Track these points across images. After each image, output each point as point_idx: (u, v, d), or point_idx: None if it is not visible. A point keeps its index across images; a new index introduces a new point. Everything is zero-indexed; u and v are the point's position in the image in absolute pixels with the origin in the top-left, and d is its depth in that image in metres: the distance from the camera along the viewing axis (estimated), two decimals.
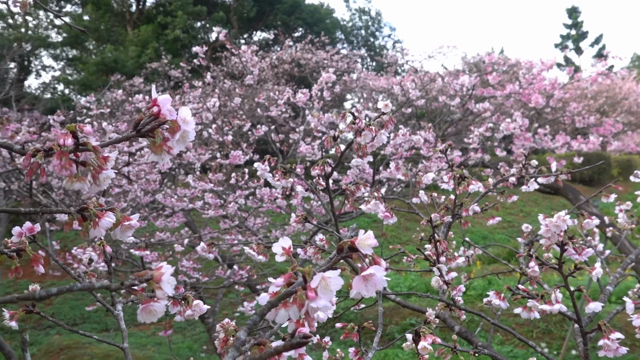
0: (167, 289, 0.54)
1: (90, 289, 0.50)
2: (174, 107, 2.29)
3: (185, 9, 17.82)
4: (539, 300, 1.38)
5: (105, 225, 0.73)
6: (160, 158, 0.69)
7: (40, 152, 0.63)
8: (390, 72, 13.41)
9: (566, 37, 30.59)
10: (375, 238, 0.76)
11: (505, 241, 10.71)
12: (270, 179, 1.95)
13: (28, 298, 0.49)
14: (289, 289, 0.64)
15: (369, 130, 1.57)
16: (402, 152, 5.42)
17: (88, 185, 0.70)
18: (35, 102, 10.13)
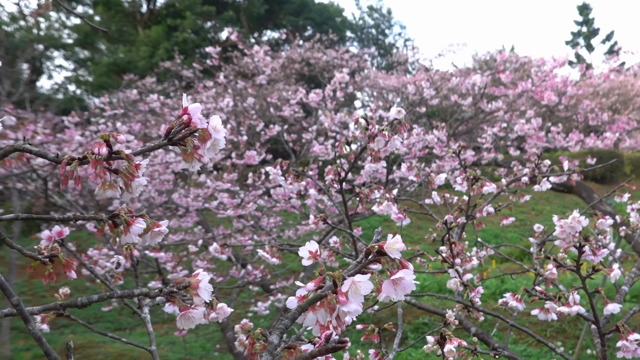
0: (204, 295, 0.56)
1: (130, 295, 0.51)
2: None
3: (193, 10, 17.89)
4: (556, 301, 1.38)
5: (136, 231, 0.74)
6: (191, 166, 0.70)
7: (75, 160, 0.65)
8: (401, 70, 13.39)
9: (577, 34, 30.30)
10: (385, 238, 0.77)
11: (517, 240, 10.65)
12: (283, 182, 1.96)
13: (71, 305, 0.50)
14: (318, 292, 0.65)
15: (382, 136, 1.58)
16: (415, 152, 5.42)
17: (119, 192, 0.71)
18: (48, 103, 10.25)
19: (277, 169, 1.89)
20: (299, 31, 20.52)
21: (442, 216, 2.19)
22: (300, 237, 6.38)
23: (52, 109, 9.46)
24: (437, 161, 5.83)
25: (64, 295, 0.91)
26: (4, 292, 0.41)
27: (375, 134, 1.57)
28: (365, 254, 0.68)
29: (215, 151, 0.71)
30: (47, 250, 0.81)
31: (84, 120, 5.10)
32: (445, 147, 5.78)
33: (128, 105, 7.26)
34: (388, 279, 0.64)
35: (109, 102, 6.86)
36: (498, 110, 6.52)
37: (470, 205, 1.82)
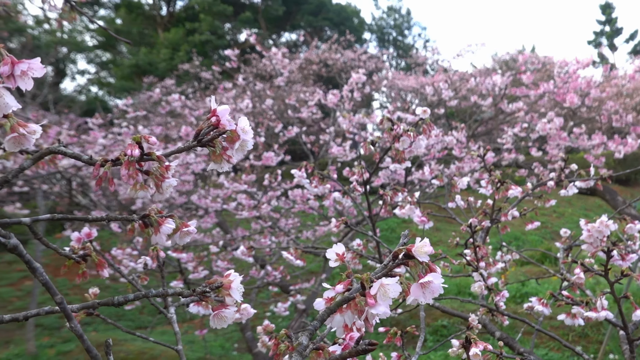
0: (236, 296, 0.56)
1: (164, 295, 0.52)
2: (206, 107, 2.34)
3: (211, 9, 18.02)
4: (583, 306, 1.36)
5: (166, 231, 0.75)
6: (220, 167, 0.71)
7: (109, 162, 0.66)
8: (419, 71, 13.31)
9: (600, 33, 29.78)
10: None
11: (539, 243, 10.50)
12: (308, 185, 1.97)
13: (108, 304, 0.51)
14: (346, 295, 0.66)
15: (408, 136, 1.58)
16: (434, 153, 5.38)
17: (150, 193, 0.72)
18: (71, 105, 10.43)
19: (302, 172, 1.90)
20: (317, 32, 20.55)
21: (465, 219, 2.18)
22: (318, 238, 6.38)
23: (75, 110, 9.63)
24: (456, 162, 5.78)
25: (93, 294, 0.92)
26: (48, 290, 0.42)
27: (400, 134, 1.56)
28: (393, 257, 0.68)
29: (244, 152, 0.71)
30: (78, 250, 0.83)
31: (107, 122, 5.18)
32: (464, 148, 5.74)
33: (149, 107, 7.36)
34: (416, 282, 0.64)
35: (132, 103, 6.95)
36: (519, 111, 6.45)
37: (494, 208, 1.80)
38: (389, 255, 2.06)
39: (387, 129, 1.62)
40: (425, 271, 0.65)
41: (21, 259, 0.42)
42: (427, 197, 5.62)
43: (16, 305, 8.44)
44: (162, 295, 0.53)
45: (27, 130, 0.60)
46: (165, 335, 7.45)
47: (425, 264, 0.65)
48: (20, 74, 0.49)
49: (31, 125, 0.60)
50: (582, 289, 1.69)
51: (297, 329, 5.07)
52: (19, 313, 0.55)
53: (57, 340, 7.06)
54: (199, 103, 7.32)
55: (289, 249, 1.90)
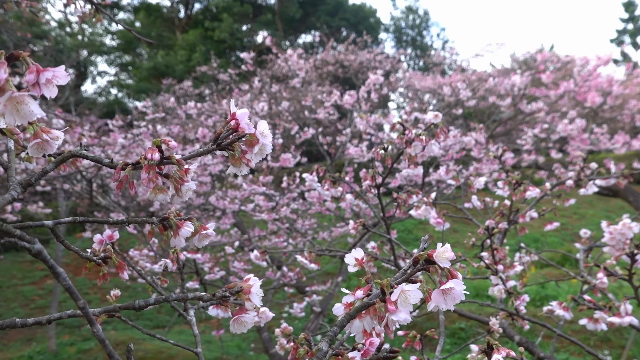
0: (256, 300, 0.56)
1: (184, 299, 0.52)
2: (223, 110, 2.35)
3: (231, 10, 18.14)
4: (606, 311, 1.34)
5: (185, 234, 0.75)
6: (239, 170, 0.71)
7: (129, 165, 0.67)
8: (437, 71, 13.21)
9: (622, 31, 29.24)
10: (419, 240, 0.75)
11: (559, 244, 10.35)
12: (320, 188, 1.96)
13: (129, 307, 0.52)
14: (366, 300, 0.65)
15: (420, 141, 1.56)
16: (452, 154, 5.34)
17: (169, 196, 0.72)
18: (91, 107, 10.59)
19: (314, 176, 1.89)
20: (333, 33, 20.53)
21: (482, 220, 2.15)
22: (334, 239, 6.37)
23: (96, 112, 9.77)
24: (474, 163, 5.73)
25: (115, 297, 0.93)
26: (71, 295, 0.43)
27: (412, 139, 1.55)
28: (413, 262, 0.68)
29: (263, 156, 0.71)
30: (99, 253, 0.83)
31: (126, 124, 5.24)
32: (483, 149, 5.68)
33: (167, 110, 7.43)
34: (438, 288, 0.63)
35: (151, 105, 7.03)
36: (539, 111, 6.36)
37: (512, 210, 1.78)
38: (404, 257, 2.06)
39: (399, 134, 1.62)
40: (447, 277, 0.64)
41: (45, 263, 0.43)
42: (444, 198, 5.58)
43: (38, 303, 8.59)
44: (183, 300, 0.53)
45: (50, 137, 0.61)
46: (182, 334, 7.52)
47: (446, 270, 0.64)
48: (45, 82, 0.50)
49: (54, 131, 0.61)
50: (604, 293, 1.65)
51: (313, 331, 5.07)
52: (43, 317, 0.55)
53: (77, 338, 7.16)
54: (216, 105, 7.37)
55: (303, 252, 1.89)
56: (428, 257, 0.65)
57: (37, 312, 8.26)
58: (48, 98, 0.51)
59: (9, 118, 0.48)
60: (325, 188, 1.85)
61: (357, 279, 3.21)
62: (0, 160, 0.74)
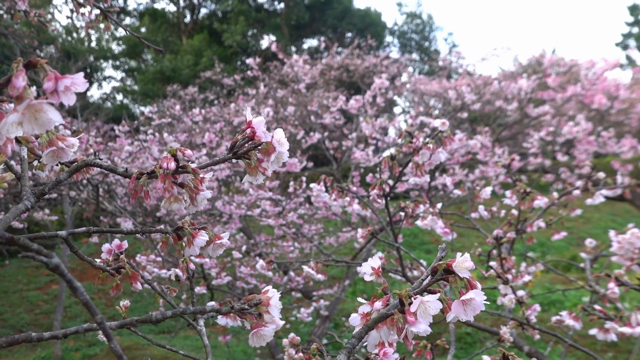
0: (274, 313, 0.55)
1: (201, 312, 0.51)
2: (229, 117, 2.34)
3: (247, 15, 18.24)
4: (617, 321, 1.32)
5: (199, 244, 0.75)
6: (255, 179, 0.70)
7: (145, 175, 0.66)
8: (443, 75, 13.21)
9: (628, 35, 29.14)
10: (427, 244, 0.74)
11: (564, 249, 10.29)
12: (327, 198, 1.95)
13: (146, 321, 0.51)
14: (384, 311, 0.64)
15: (427, 149, 1.55)
16: (458, 158, 5.32)
17: (185, 205, 0.72)
18: (98, 112, 10.63)
19: (321, 185, 1.89)
20: (339, 38, 20.55)
21: (488, 229, 2.14)
22: (341, 244, 6.35)
23: (102, 117, 9.80)
24: (480, 167, 5.71)
25: (124, 307, 0.92)
26: (88, 309, 0.42)
27: (419, 147, 1.55)
28: (432, 272, 0.67)
29: (279, 164, 0.71)
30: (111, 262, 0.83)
31: (133, 130, 5.25)
32: (489, 152, 5.66)
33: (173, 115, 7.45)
34: (458, 299, 0.62)
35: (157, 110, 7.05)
36: (545, 114, 6.33)
37: (520, 219, 1.76)
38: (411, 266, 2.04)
39: (406, 142, 1.61)
40: (467, 287, 0.63)
41: (62, 278, 0.42)
42: (451, 203, 5.56)
43: (43, 309, 8.60)
44: (201, 312, 0.52)
45: (66, 144, 0.61)
46: (187, 340, 7.51)
47: (466, 280, 0.63)
48: (63, 90, 0.49)
49: (70, 139, 0.60)
50: (613, 302, 1.64)
51: (319, 336, 5.05)
52: (59, 331, 0.55)
53: (82, 344, 7.16)
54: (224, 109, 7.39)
55: (309, 263, 1.88)
56: (447, 267, 0.64)
57: (42, 317, 8.27)
58: (66, 106, 0.51)
59: (27, 127, 0.48)
60: (333, 198, 1.85)
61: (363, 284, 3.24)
62: (14, 169, 0.74)
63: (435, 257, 0.72)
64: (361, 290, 8.35)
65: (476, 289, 0.63)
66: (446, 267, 0.64)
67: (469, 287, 0.64)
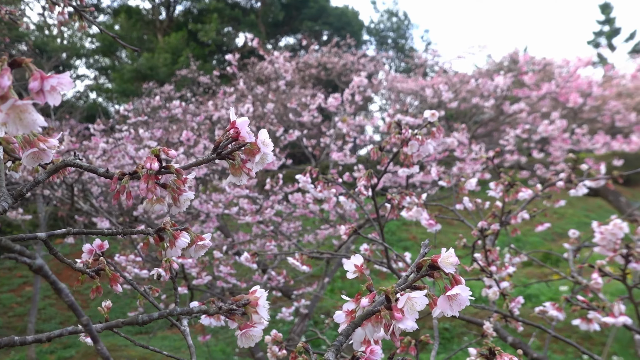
0: (263, 313, 0.55)
1: (189, 313, 0.50)
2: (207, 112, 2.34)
3: (221, 12, 18.08)
4: (600, 312, 1.35)
5: (182, 245, 0.74)
6: (239, 180, 0.70)
7: (127, 175, 0.65)
8: (419, 73, 13.31)
9: (599, 33, 29.81)
10: (405, 241, 0.75)
11: (540, 244, 10.49)
12: (313, 190, 1.95)
13: (132, 323, 0.50)
14: (370, 308, 0.64)
15: (416, 140, 1.56)
16: (435, 155, 5.37)
17: (166, 206, 0.71)
18: (72, 110, 10.42)
19: (307, 177, 1.88)
20: (317, 36, 20.54)
21: (473, 222, 2.16)
22: (320, 242, 6.36)
23: (76, 116, 9.61)
24: (458, 163, 5.78)
25: (107, 308, 0.91)
26: (74, 311, 0.41)
27: (408, 138, 1.55)
28: (417, 268, 0.67)
29: (264, 165, 0.70)
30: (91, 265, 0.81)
31: (108, 128, 5.16)
32: (466, 149, 5.73)
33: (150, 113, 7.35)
34: (444, 294, 0.62)
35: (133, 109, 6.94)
36: (520, 111, 6.44)
37: (504, 211, 1.79)
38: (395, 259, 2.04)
39: (395, 133, 1.61)
40: (452, 283, 0.64)
41: (46, 279, 0.41)
42: (429, 199, 5.61)
43: (17, 311, 8.41)
44: (187, 314, 0.51)
45: (47, 145, 0.59)
46: (166, 340, 7.43)
47: (451, 275, 0.64)
48: (49, 90, 0.48)
49: (50, 140, 0.59)
50: (595, 293, 1.67)
51: (299, 334, 5.05)
52: (42, 334, 0.53)
53: (57, 346, 7.03)
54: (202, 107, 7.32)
55: (294, 254, 1.88)
56: (432, 263, 0.65)
57: (15, 320, 8.09)
58: (52, 106, 0.49)
59: (11, 127, 0.46)
60: (319, 190, 1.84)
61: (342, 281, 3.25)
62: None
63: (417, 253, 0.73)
64: (340, 288, 8.38)
65: (461, 284, 0.64)
66: (431, 262, 0.65)
67: (454, 283, 0.64)
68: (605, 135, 5.98)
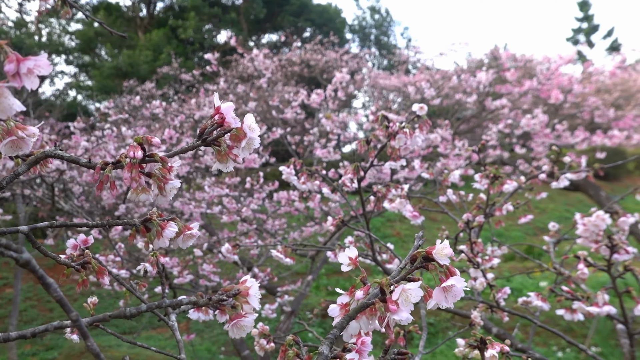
0: (254, 303, 0.53)
1: (178, 304, 0.49)
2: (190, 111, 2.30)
3: (199, 10, 17.93)
4: (584, 301, 1.36)
5: (169, 235, 0.72)
6: (225, 167, 0.68)
7: (110, 165, 0.62)
8: (402, 70, 13.35)
9: (578, 30, 30.28)
10: (389, 237, 0.74)
11: (521, 238, 10.62)
12: (296, 182, 1.94)
13: (120, 316, 0.48)
14: (365, 301, 0.63)
15: (404, 134, 1.56)
16: (419, 151, 5.39)
17: (153, 196, 0.69)
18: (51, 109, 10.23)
19: (290, 169, 1.87)
20: (298, 33, 20.49)
21: (457, 215, 2.17)
22: (305, 239, 6.35)
23: (55, 114, 9.45)
24: (441, 159, 5.81)
25: (92, 304, 0.88)
26: (62, 307, 0.39)
27: (396, 131, 1.55)
28: (411, 260, 0.66)
29: (251, 151, 0.68)
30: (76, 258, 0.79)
31: (89, 126, 5.08)
32: (449, 145, 5.77)
33: (131, 111, 7.25)
34: (439, 286, 0.61)
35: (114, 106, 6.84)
36: (502, 107, 6.50)
37: (488, 203, 1.79)
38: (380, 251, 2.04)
39: (382, 127, 1.61)
40: (446, 274, 0.63)
41: (34, 274, 0.39)
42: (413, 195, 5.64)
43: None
44: (177, 305, 0.49)
45: (27, 133, 0.56)
46: (150, 340, 7.36)
47: (445, 267, 0.63)
48: (26, 72, 0.45)
49: (30, 127, 0.56)
50: (577, 284, 1.69)
51: (285, 331, 5.03)
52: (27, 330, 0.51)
53: (39, 348, 6.91)
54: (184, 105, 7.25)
55: (276, 247, 1.87)
56: (427, 255, 0.64)
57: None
58: (29, 90, 0.47)
59: None
60: (302, 182, 1.83)
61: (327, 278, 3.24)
62: None
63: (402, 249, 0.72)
64: (325, 285, 8.38)
65: (456, 275, 0.63)
66: (426, 254, 0.64)
67: (449, 274, 0.63)
68: (585, 131, 6.07)
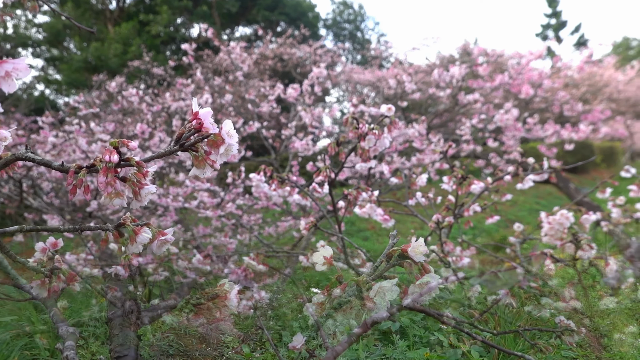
0: (233, 306, 0.53)
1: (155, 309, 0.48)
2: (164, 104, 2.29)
3: (171, 4, 17.63)
4: (552, 297, 1.40)
5: (143, 241, 0.71)
6: (202, 172, 0.67)
7: (84, 168, 0.61)
8: (375, 64, 13.40)
9: (546, 26, 30.86)
10: (364, 231, 0.75)
11: (495, 230, 10.78)
12: (267, 189, 1.94)
13: None
14: (342, 299, 0.63)
15: (373, 135, 1.57)
16: (396, 146, 5.44)
17: (126, 200, 0.68)
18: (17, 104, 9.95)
19: (261, 175, 1.87)
20: (272, 27, 20.37)
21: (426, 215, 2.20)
22: (280, 234, 6.34)
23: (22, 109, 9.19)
24: (417, 154, 5.87)
25: (62, 308, 0.87)
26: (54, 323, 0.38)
27: (365, 132, 1.56)
28: (387, 258, 0.67)
29: (228, 156, 0.68)
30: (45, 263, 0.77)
31: (57, 121, 4.95)
32: (425, 140, 5.83)
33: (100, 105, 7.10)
34: (414, 283, 0.63)
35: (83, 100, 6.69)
36: (475, 102, 6.59)
37: (457, 204, 1.82)
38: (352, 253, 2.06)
39: (352, 128, 1.62)
40: (421, 272, 0.64)
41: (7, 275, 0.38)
42: (387, 190, 5.69)
43: None
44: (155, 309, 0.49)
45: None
46: None
47: (420, 264, 0.64)
48: (4, 75, 0.43)
49: (2, 131, 0.54)
50: (544, 280, 1.73)
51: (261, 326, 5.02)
52: None
53: None
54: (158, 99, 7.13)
55: (249, 254, 1.87)
56: (402, 252, 0.65)
57: None
58: (6, 94, 0.45)
59: None
60: (273, 189, 1.83)
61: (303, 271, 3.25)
62: None
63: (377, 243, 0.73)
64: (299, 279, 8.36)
65: (430, 272, 0.64)
66: (401, 252, 0.65)
67: (424, 271, 0.64)
68: (555, 124, 6.20)
